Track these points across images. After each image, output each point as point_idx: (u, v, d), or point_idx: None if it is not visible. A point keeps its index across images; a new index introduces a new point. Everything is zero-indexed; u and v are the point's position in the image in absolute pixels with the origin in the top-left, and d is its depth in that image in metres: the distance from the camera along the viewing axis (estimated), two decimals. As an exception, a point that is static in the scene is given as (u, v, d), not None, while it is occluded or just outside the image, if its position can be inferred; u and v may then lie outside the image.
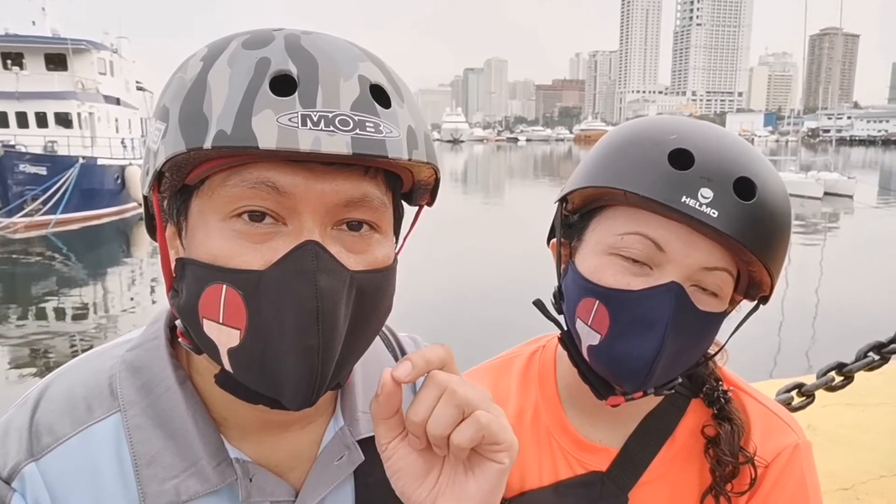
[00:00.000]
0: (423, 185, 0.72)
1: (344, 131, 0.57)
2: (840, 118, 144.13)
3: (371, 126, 0.58)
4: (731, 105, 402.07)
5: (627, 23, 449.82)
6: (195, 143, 0.57)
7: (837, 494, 2.53)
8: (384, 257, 0.66)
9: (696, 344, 0.87)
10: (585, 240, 0.92)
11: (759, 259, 0.82)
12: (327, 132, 0.56)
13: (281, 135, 0.55)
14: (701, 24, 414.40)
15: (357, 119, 0.58)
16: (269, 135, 0.55)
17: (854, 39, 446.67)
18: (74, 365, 0.73)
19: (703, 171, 0.80)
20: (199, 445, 0.67)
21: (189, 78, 0.61)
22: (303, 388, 0.60)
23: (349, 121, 0.57)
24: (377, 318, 0.68)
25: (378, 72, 0.63)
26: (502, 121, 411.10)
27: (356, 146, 0.57)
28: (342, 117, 0.57)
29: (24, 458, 0.64)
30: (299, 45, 0.60)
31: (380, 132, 0.58)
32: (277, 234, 0.60)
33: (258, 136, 0.55)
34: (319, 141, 0.56)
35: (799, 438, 0.95)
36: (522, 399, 1.04)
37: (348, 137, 0.57)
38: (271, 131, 0.55)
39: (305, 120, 0.56)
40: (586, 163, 0.92)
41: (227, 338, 0.61)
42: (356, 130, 0.57)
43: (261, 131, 0.55)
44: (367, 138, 0.58)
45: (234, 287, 0.59)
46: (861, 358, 2.20)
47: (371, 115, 0.59)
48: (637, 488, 0.95)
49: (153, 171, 0.62)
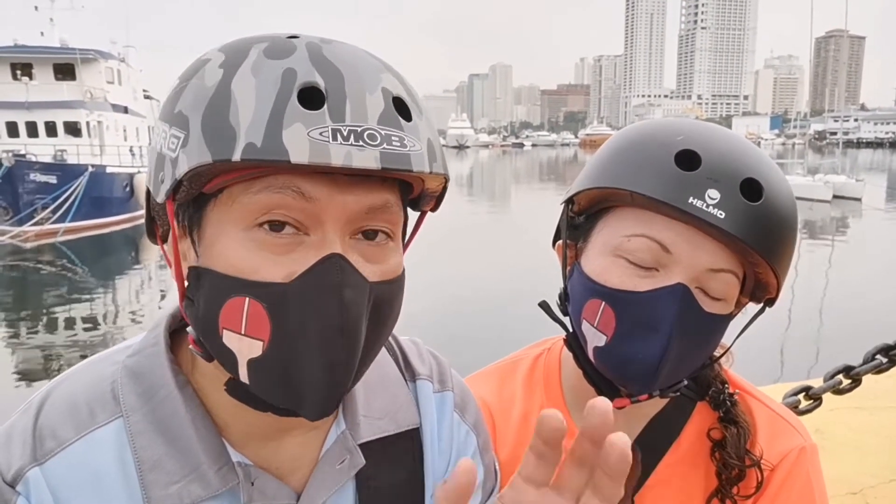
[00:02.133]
0: (431, 193, 0.73)
1: (372, 146, 0.57)
2: (847, 120, 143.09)
3: (397, 140, 0.59)
4: (737, 108, 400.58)
5: (632, 27, 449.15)
6: (223, 155, 0.57)
7: (846, 499, 2.51)
8: (396, 266, 0.67)
9: (701, 346, 0.87)
10: (591, 241, 0.92)
11: (766, 261, 0.82)
12: (357, 147, 0.57)
13: (313, 149, 0.56)
14: (706, 27, 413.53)
15: (384, 134, 0.59)
16: (301, 149, 0.55)
17: (860, 41, 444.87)
18: (76, 371, 0.73)
19: (709, 173, 0.80)
20: (200, 450, 0.67)
21: (210, 85, 0.60)
22: (323, 401, 0.61)
23: (377, 135, 0.58)
24: (388, 328, 0.68)
25: (398, 83, 0.64)
26: (507, 126, 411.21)
27: (384, 161, 0.58)
28: (370, 132, 0.58)
29: (27, 463, 0.64)
30: (322, 55, 0.61)
31: (405, 146, 0.60)
32: (300, 245, 0.61)
33: (289, 149, 0.55)
34: (351, 156, 0.56)
35: (805, 441, 0.95)
36: (527, 402, 1.05)
37: (377, 152, 0.58)
38: (303, 145, 0.56)
39: (336, 135, 0.56)
40: (592, 164, 0.93)
41: (248, 349, 0.61)
42: (384, 145, 0.58)
43: (291, 145, 0.55)
44: (394, 153, 0.59)
45: (258, 300, 0.60)
46: (869, 361, 2.18)
47: (396, 130, 0.60)
48: (642, 491, 0.95)
49: (171, 179, 0.61)
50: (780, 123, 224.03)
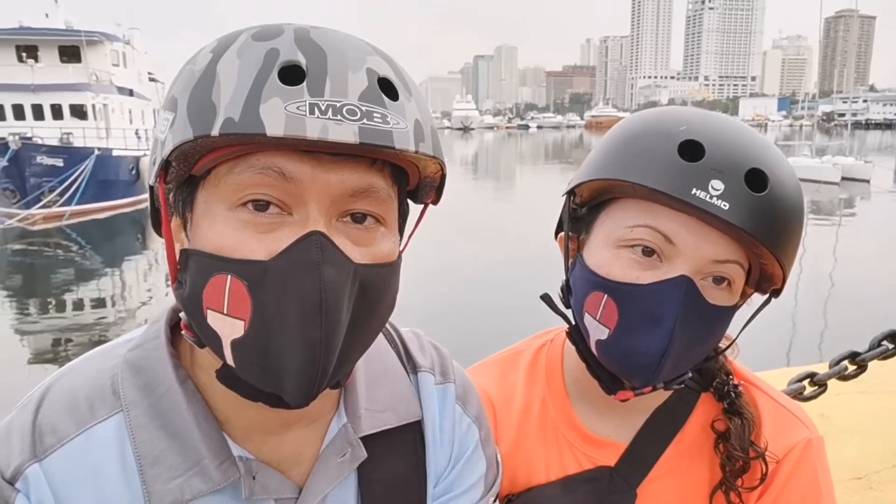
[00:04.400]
0: (430, 182, 0.72)
1: (351, 120, 0.57)
2: (856, 101, 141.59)
3: (378, 117, 0.59)
4: (745, 90, 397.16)
5: (639, 7, 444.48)
6: (202, 131, 0.57)
7: (850, 484, 2.51)
8: (389, 252, 0.66)
9: (705, 338, 0.86)
10: (594, 233, 0.91)
11: (771, 252, 0.81)
12: (335, 121, 0.56)
13: (288, 122, 0.56)
14: (713, 7, 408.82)
15: (364, 109, 0.58)
16: (277, 122, 0.56)
17: (870, 21, 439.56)
18: (76, 365, 0.73)
19: (713, 163, 0.78)
20: (201, 444, 0.67)
21: (198, 69, 0.61)
22: (304, 382, 0.60)
23: (356, 110, 0.58)
24: (379, 315, 0.68)
25: (386, 65, 0.63)
26: (513, 108, 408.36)
27: (363, 136, 0.57)
28: (350, 107, 0.57)
29: (27, 459, 0.64)
30: (308, 37, 0.61)
31: (387, 123, 0.59)
32: (283, 224, 0.61)
33: (266, 123, 0.55)
34: (327, 129, 0.56)
35: (811, 433, 0.94)
36: (529, 393, 1.04)
37: (356, 127, 0.57)
38: (279, 119, 0.56)
39: (313, 108, 0.56)
40: (594, 155, 0.91)
41: (231, 329, 0.61)
42: (363, 120, 0.58)
43: (268, 119, 0.56)
44: (375, 128, 0.58)
45: (238, 277, 0.60)
46: (875, 347, 2.16)
47: (378, 107, 0.59)
48: (646, 484, 0.95)
49: (160, 160, 0.62)
50: (788, 105, 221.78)
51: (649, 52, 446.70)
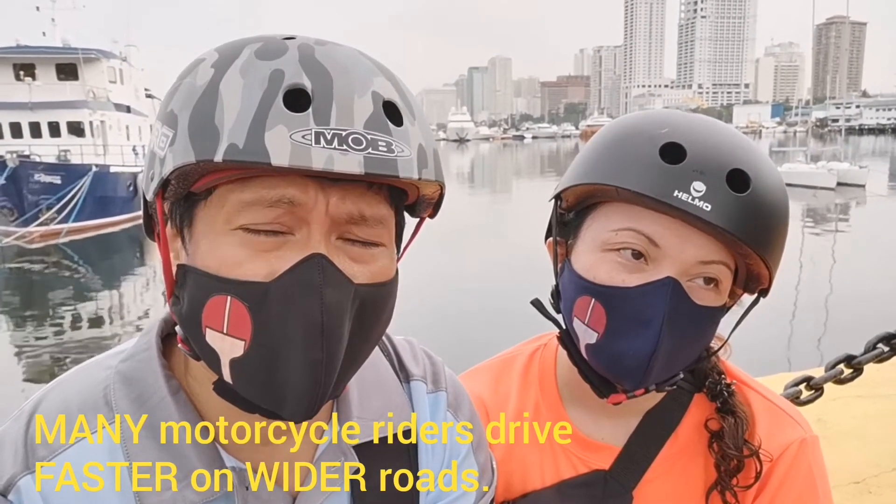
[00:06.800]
0: (428, 200, 0.72)
1: (356, 150, 0.57)
2: (849, 107, 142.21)
3: (383, 145, 0.58)
4: (738, 97, 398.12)
5: (631, 17, 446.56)
6: (205, 156, 0.57)
7: (849, 488, 2.50)
8: (386, 269, 0.67)
9: (695, 339, 0.87)
10: (580, 237, 0.91)
11: (756, 252, 0.81)
12: (340, 151, 0.56)
13: (294, 152, 0.55)
14: (706, 16, 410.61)
15: (370, 138, 0.58)
16: (282, 151, 0.55)
17: (861, 27, 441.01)
18: (68, 377, 0.73)
19: (695, 165, 0.79)
20: (193, 455, 0.67)
21: (200, 85, 0.60)
22: (304, 401, 0.61)
23: (362, 139, 0.57)
24: (377, 331, 0.68)
25: (391, 87, 0.63)
26: (508, 119, 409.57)
27: (368, 166, 0.57)
28: (355, 136, 0.57)
29: (19, 471, 0.64)
30: (313, 57, 0.60)
31: (391, 151, 0.59)
32: (284, 244, 0.61)
33: (271, 152, 0.55)
34: (332, 160, 0.56)
35: (805, 433, 0.94)
36: (523, 398, 1.04)
37: (361, 157, 0.57)
38: (284, 148, 0.55)
39: (319, 138, 0.56)
40: (579, 160, 0.92)
41: (230, 348, 0.61)
42: (368, 150, 0.57)
43: (273, 147, 0.55)
44: (379, 158, 0.58)
45: (239, 299, 0.60)
46: (870, 349, 2.17)
47: (383, 134, 0.59)
48: (641, 486, 0.95)
49: (159, 177, 0.61)
50: (782, 111, 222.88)
51: (643, 61, 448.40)
